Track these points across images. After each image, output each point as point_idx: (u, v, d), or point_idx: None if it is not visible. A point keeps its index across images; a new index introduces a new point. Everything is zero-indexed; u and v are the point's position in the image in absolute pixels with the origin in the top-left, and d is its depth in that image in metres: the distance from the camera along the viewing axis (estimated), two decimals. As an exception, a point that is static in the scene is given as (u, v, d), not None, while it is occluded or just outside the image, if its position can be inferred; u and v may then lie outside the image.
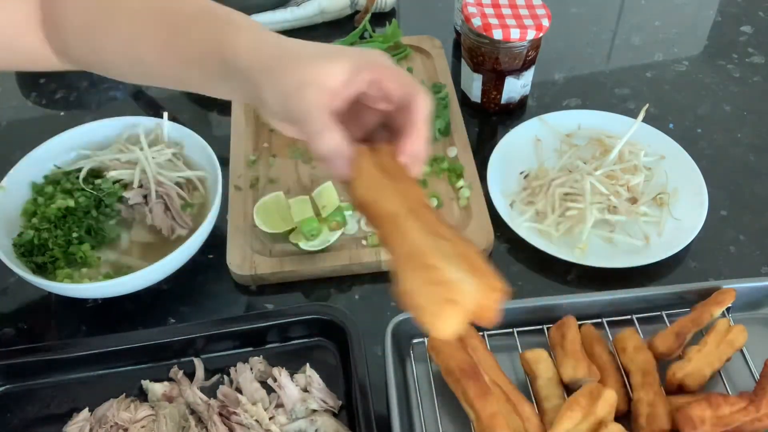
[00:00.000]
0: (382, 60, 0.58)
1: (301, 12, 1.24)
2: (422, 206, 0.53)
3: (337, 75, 0.56)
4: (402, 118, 0.58)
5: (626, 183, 0.93)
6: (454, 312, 0.47)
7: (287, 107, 0.56)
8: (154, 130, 0.95)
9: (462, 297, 0.48)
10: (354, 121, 0.60)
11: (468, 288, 0.48)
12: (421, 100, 0.57)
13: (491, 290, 0.49)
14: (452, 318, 0.47)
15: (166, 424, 0.73)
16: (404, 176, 0.56)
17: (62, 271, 0.83)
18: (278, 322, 0.79)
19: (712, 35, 1.27)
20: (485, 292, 0.49)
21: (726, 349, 0.76)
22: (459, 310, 0.48)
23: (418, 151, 0.57)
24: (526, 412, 0.71)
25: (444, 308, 0.47)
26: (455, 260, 0.50)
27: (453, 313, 0.47)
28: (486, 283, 0.49)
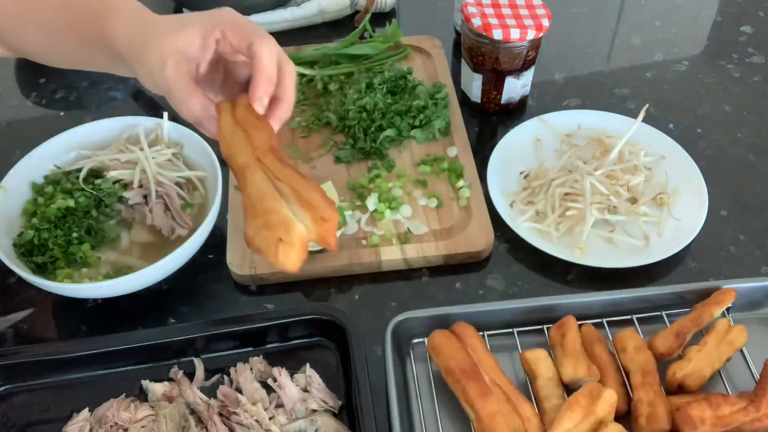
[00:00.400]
0: (228, 16, 0.61)
1: (300, 12, 1.24)
2: (268, 152, 0.57)
3: (189, 42, 0.60)
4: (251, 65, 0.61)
5: (626, 183, 0.93)
6: (285, 250, 0.54)
7: (156, 83, 0.62)
8: (154, 130, 0.95)
9: (292, 235, 0.54)
10: (229, 80, 0.64)
11: (299, 226, 0.55)
12: (263, 45, 0.60)
13: (323, 221, 0.55)
14: (286, 255, 0.54)
15: (166, 424, 0.73)
16: (258, 124, 0.59)
17: (62, 271, 0.83)
18: (278, 322, 0.79)
19: (712, 35, 1.27)
20: (317, 225, 0.55)
21: (726, 349, 0.76)
22: (290, 248, 0.54)
23: (265, 95, 0.60)
24: (526, 412, 0.71)
25: (277, 248, 0.54)
26: (292, 200, 0.55)
27: (285, 251, 0.54)
28: (318, 216, 0.55)
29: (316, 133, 1.05)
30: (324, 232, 0.55)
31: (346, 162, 1.00)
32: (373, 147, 1.00)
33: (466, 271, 0.90)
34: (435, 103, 1.05)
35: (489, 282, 0.89)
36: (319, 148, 1.03)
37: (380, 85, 1.07)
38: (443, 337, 0.75)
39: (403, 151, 1.02)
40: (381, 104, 1.03)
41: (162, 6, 1.31)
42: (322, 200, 0.55)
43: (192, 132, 0.94)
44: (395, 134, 1.02)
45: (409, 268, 0.90)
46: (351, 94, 1.06)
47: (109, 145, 0.95)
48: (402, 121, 1.03)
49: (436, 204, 0.95)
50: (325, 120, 1.06)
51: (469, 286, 0.89)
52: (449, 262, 0.90)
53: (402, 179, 0.98)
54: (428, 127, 1.03)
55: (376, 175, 0.98)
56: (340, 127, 1.04)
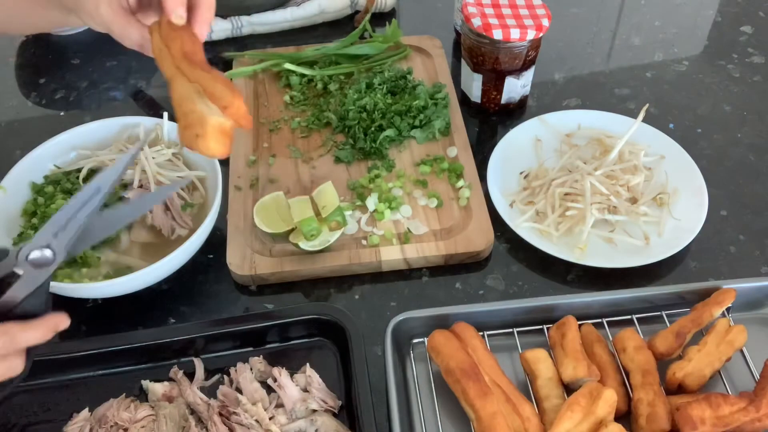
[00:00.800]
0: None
1: (300, 12, 1.24)
2: (183, 59, 0.63)
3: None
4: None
5: (626, 183, 0.93)
6: (204, 142, 0.62)
7: (96, 23, 0.69)
8: (154, 130, 0.95)
9: (206, 127, 0.62)
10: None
11: (212, 118, 0.62)
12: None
13: (227, 108, 0.61)
14: (206, 146, 0.62)
15: (166, 424, 0.73)
16: (173, 35, 0.64)
17: (62, 271, 0.83)
18: (278, 322, 0.79)
19: (712, 35, 1.27)
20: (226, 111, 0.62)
21: (726, 349, 0.76)
22: (207, 139, 0.62)
23: (177, 6, 0.64)
24: (526, 412, 0.71)
25: (198, 143, 0.62)
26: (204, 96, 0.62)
27: (205, 143, 0.62)
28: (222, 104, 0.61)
29: (316, 133, 1.05)
30: (233, 116, 0.62)
31: (346, 162, 1.00)
32: (373, 147, 1.00)
33: (466, 271, 0.90)
34: (435, 103, 1.05)
35: (489, 282, 0.89)
36: (319, 148, 1.03)
37: (380, 85, 1.07)
38: (443, 337, 0.75)
39: (403, 151, 1.02)
40: (381, 104, 1.03)
41: (162, 6, 1.31)
42: (225, 89, 0.61)
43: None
44: (395, 134, 1.02)
45: (409, 268, 0.90)
46: (351, 94, 1.06)
47: (109, 145, 0.95)
48: (402, 121, 1.03)
49: (436, 204, 0.95)
50: (325, 120, 1.06)
51: (469, 286, 0.89)
52: (449, 262, 0.90)
53: (402, 179, 0.98)
54: (428, 127, 1.03)
55: (376, 175, 0.98)
56: (340, 127, 1.04)
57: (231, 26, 1.22)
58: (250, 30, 1.24)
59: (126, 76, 1.19)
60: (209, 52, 1.22)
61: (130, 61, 1.22)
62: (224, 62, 1.19)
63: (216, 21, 1.22)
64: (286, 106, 1.09)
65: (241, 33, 1.24)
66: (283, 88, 1.12)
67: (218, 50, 1.22)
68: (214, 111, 0.62)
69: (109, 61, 1.22)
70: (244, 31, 1.24)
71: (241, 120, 0.63)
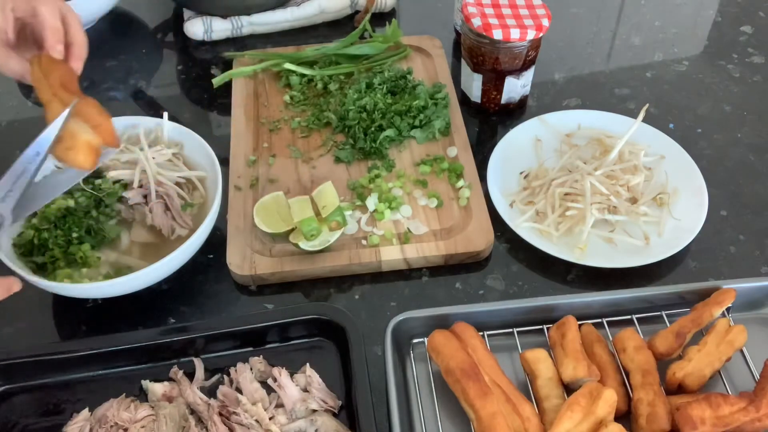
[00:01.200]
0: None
1: (300, 12, 1.24)
2: (60, 87, 0.72)
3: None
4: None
5: (626, 183, 0.93)
6: (73, 154, 0.71)
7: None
8: (154, 130, 0.95)
9: (76, 141, 0.71)
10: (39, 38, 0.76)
11: (82, 135, 0.71)
12: (41, 6, 0.74)
13: (97, 126, 0.71)
14: (75, 157, 0.71)
15: (166, 424, 0.73)
16: (52, 67, 0.74)
17: (62, 271, 0.83)
18: (278, 322, 0.79)
19: (712, 35, 1.27)
20: (96, 130, 0.71)
21: (726, 349, 0.76)
22: (76, 152, 0.71)
23: (56, 44, 0.74)
24: (526, 412, 0.71)
25: (68, 155, 0.71)
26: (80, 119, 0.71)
27: (74, 155, 0.71)
28: (93, 124, 0.71)
29: (316, 133, 1.05)
30: (102, 134, 0.72)
31: (346, 162, 1.00)
32: (373, 147, 1.00)
33: (466, 271, 0.90)
34: (435, 103, 1.05)
35: (489, 282, 0.89)
36: (319, 148, 1.03)
37: (380, 85, 1.07)
38: (443, 337, 0.75)
39: (403, 151, 1.02)
40: (381, 104, 1.03)
41: (163, 6, 1.32)
42: (96, 112, 0.72)
43: (192, 132, 0.94)
44: (395, 134, 1.02)
45: (409, 268, 0.90)
46: (351, 94, 1.06)
47: (109, 145, 0.94)
48: (402, 121, 1.03)
49: (436, 204, 0.95)
50: (325, 120, 1.06)
51: (469, 286, 0.89)
52: (449, 262, 0.90)
53: (402, 179, 0.98)
54: (428, 127, 1.03)
55: (376, 175, 0.98)
56: (340, 127, 1.04)
57: (231, 26, 1.22)
58: (250, 30, 1.24)
59: (126, 76, 1.19)
60: (209, 52, 1.22)
61: (130, 61, 1.22)
62: (224, 62, 1.19)
63: (216, 21, 1.22)
64: (286, 106, 1.09)
65: (241, 33, 1.24)
66: (283, 88, 1.12)
67: (218, 50, 1.22)
68: (86, 130, 0.71)
69: (109, 61, 1.22)
70: (244, 31, 1.24)
71: (109, 138, 0.72)
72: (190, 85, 1.17)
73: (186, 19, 1.23)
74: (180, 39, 1.25)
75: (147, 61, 1.23)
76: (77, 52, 0.77)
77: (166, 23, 1.30)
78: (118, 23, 1.29)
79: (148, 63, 1.22)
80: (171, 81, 1.19)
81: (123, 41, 1.26)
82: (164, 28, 1.29)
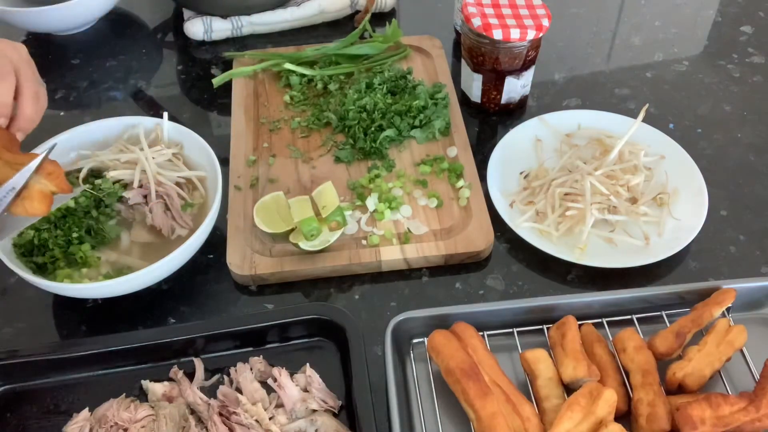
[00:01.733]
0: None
1: (300, 12, 1.24)
2: (3, 150, 0.75)
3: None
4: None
5: (626, 183, 0.93)
6: (31, 202, 0.74)
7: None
8: (154, 130, 0.95)
9: (31, 191, 0.74)
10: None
11: (36, 185, 0.75)
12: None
13: (48, 174, 0.75)
14: (31, 205, 0.74)
15: (166, 424, 0.73)
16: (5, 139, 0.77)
17: (62, 271, 0.83)
18: (278, 322, 0.79)
19: (712, 35, 1.27)
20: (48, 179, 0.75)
21: (726, 349, 0.76)
22: (30, 200, 0.74)
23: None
24: (526, 412, 0.71)
25: (25, 203, 0.74)
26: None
27: (31, 203, 0.74)
28: (45, 173, 0.75)
29: (316, 133, 1.05)
30: (55, 182, 0.76)
31: (346, 162, 1.00)
32: (373, 147, 1.00)
33: (466, 271, 0.90)
34: (435, 103, 1.05)
35: (489, 282, 0.89)
36: (319, 148, 1.03)
37: (380, 85, 1.07)
38: (443, 337, 0.75)
39: (403, 151, 1.02)
40: (381, 104, 1.03)
41: (163, 6, 1.32)
42: (47, 164, 0.76)
43: (192, 132, 0.94)
44: (395, 134, 1.02)
45: (409, 268, 0.90)
46: (351, 94, 1.06)
47: (109, 145, 0.95)
48: (402, 121, 1.03)
49: (436, 204, 0.95)
50: (325, 120, 1.06)
51: (469, 286, 0.89)
52: (449, 262, 0.90)
53: (402, 179, 0.98)
54: (428, 127, 1.03)
55: (376, 175, 0.98)
56: (340, 127, 1.04)
57: (231, 26, 1.22)
58: (250, 30, 1.24)
59: (126, 76, 1.19)
60: (209, 52, 1.22)
61: (130, 61, 1.22)
62: (224, 62, 1.20)
63: (216, 21, 1.22)
64: (286, 106, 1.09)
65: (241, 33, 1.24)
66: (283, 88, 1.12)
67: (218, 50, 1.22)
68: (38, 180, 0.75)
69: (109, 61, 1.22)
70: (244, 31, 1.24)
71: (62, 185, 0.76)
72: (190, 85, 1.17)
73: (186, 19, 1.23)
74: (180, 39, 1.25)
75: (147, 61, 1.23)
76: (20, 125, 0.79)
77: (166, 23, 1.30)
78: (118, 23, 1.29)
79: (148, 63, 1.22)
80: (171, 81, 1.19)
81: (123, 41, 1.26)
82: (164, 28, 1.29)
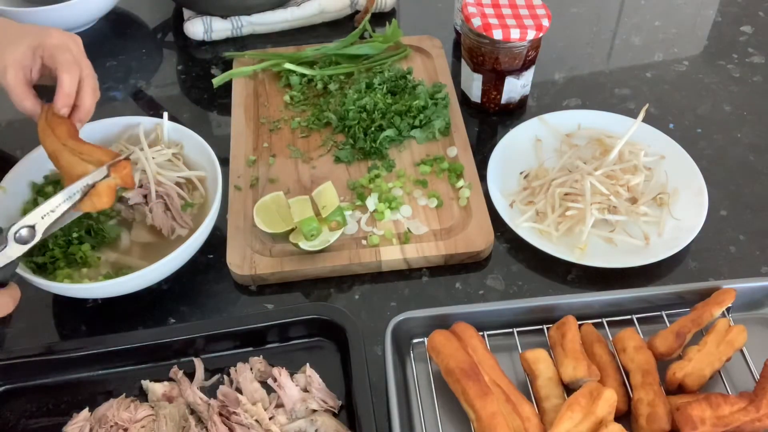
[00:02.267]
0: (54, 40, 0.81)
1: (300, 12, 1.24)
2: (68, 138, 0.78)
3: (23, 56, 0.80)
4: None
5: (626, 183, 0.93)
6: (100, 198, 0.75)
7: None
8: (154, 130, 0.95)
9: (98, 187, 0.75)
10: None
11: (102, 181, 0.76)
12: (63, 73, 0.80)
13: (115, 169, 0.76)
14: (101, 200, 0.76)
15: (166, 424, 0.73)
16: (58, 121, 0.80)
17: (62, 271, 0.83)
18: (278, 322, 0.79)
19: (712, 35, 1.27)
20: (115, 173, 0.76)
21: (726, 349, 0.76)
22: (99, 197, 0.75)
23: (64, 107, 0.80)
24: (526, 412, 0.71)
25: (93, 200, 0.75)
26: (93, 163, 0.77)
27: (100, 198, 0.75)
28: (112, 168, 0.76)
29: (316, 133, 1.05)
30: (121, 175, 0.77)
31: (346, 162, 1.00)
32: (373, 147, 1.00)
33: (466, 271, 0.90)
34: (435, 103, 1.05)
35: (489, 282, 0.89)
36: (319, 148, 1.03)
37: (380, 85, 1.07)
38: (443, 337, 0.75)
39: (403, 151, 1.02)
40: (381, 104, 1.03)
41: (163, 6, 1.32)
42: (110, 155, 0.77)
43: (192, 132, 0.94)
44: (395, 134, 1.02)
45: (409, 268, 0.90)
46: (351, 94, 1.06)
47: (109, 145, 0.95)
48: (402, 121, 1.03)
49: (436, 204, 0.95)
50: (325, 120, 1.06)
51: (469, 286, 0.89)
52: (449, 262, 0.90)
53: (402, 179, 0.98)
54: (428, 127, 1.03)
55: (376, 175, 0.98)
56: (340, 127, 1.04)
57: (231, 26, 1.22)
58: (250, 30, 1.24)
59: (126, 76, 1.19)
60: (209, 52, 1.22)
61: (130, 61, 1.22)
62: (224, 62, 1.19)
63: (216, 21, 1.22)
64: (286, 106, 1.09)
65: (241, 33, 1.24)
66: (283, 88, 1.12)
67: (218, 50, 1.22)
68: (102, 173, 0.76)
69: (109, 61, 1.22)
70: (244, 31, 1.24)
71: (127, 179, 0.77)
72: (190, 85, 1.17)
73: (186, 19, 1.23)
74: (180, 39, 1.25)
75: (147, 61, 1.23)
76: (81, 117, 0.82)
77: (166, 23, 1.30)
78: (118, 23, 1.29)
79: (148, 63, 1.22)
80: (171, 81, 1.19)
81: (123, 41, 1.26)
82: (164, 28, 1.29)
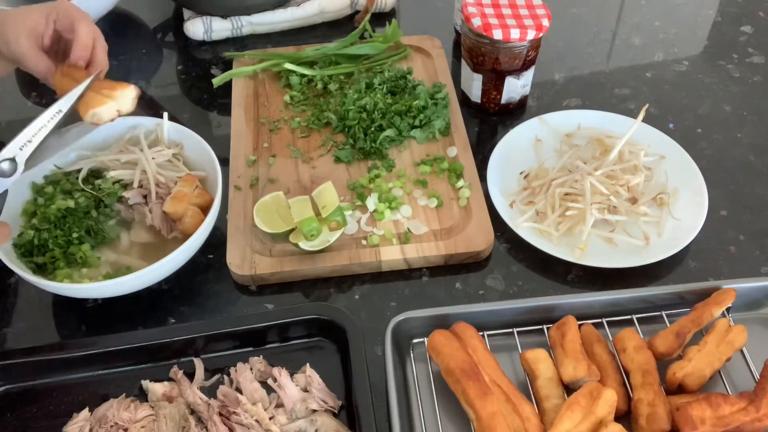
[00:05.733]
0: (63, 5, 0.84)
1: (300, 12, 1.24)
2: (86, 76, 0.81)
3: (36, 22, 0.83)
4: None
5: (626, 183, 0.93)
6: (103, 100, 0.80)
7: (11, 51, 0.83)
8: (154, 130, 0.95)
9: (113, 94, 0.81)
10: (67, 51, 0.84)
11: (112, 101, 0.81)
12: (81, 26, 0.83)
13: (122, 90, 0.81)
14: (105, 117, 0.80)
15: (166, 424, 0.73)
16: (78, 72, 0.83)
17: (62, 271, 0.83)
18: (278, 322, 0.79)
19: (712, 35, 1.27)
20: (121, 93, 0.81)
21: (726, 349, 0.76)
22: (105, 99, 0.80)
23: (81, 59, 0.83)
24: (526, 412, 0.71)
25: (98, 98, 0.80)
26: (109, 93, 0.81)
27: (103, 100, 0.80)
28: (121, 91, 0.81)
29: (316, 133, 1.05)
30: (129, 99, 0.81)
31: (346, 162, 1.00)
32: (373, 147, 1.00)
33: (466, 271, 0.90)
34: (435, 103, 1.05)
35: (489, 282, 0.89)
36: (319, 148, 1.03)
37: (380, 85, 1.07)
38: (443, 337, 0.75)
39: (403, 151, 1.02)
40: (381, 104, 1.03)
41: (163, 6, 1.31)
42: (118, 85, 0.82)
43: (192, 132, 0.94)
44: (395, 134, 1.02)
45: (409, 268, 0.90)
46: (351, 94, 1.06)
47: (109, 145, 0.95)
48: (402, 121, 1.03)
49: (436, 204, 0.95)
50: (325, 120, 1.06)
51: (469, 286, 0.89)
52: (449, 262, 0.90)
53: (402, 179, 0.98)
54: (428, 127, 1.03)
55: (376, 175, 0.98)
56: (340, 127, 1.04)
57: (231, 26, 1.22)
58: (250, 30, 1.24)
59: (126, 76, 1.19)
60: (209, 52, 1.22)
61: (130, 61, 1.22)
62: (224, 62, 1.19)
63: (216, 21, 1.22)
64: (286, 106, 1.09)
65: (241, 33, 1.24)
66: (283, 88, 1.12)
67: (218, 50, 1.22)
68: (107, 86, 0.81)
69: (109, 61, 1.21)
70: (244, 31, 1.24)
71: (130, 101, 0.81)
72: (190, 85, 1.17)
73: (186, 19, 1.23)
74: (180, 39, 1.25)
75: (147, 61, 1.23)
76: (94, 70, 0.84)
77: (166, 23, 1.30)
78: (118, 23, 1.29)
79: (148, 63, 1.22)
80: (171, 81, 1.19)
81: (123, 41, 1.26)
82: (164, 28, 1.29)
